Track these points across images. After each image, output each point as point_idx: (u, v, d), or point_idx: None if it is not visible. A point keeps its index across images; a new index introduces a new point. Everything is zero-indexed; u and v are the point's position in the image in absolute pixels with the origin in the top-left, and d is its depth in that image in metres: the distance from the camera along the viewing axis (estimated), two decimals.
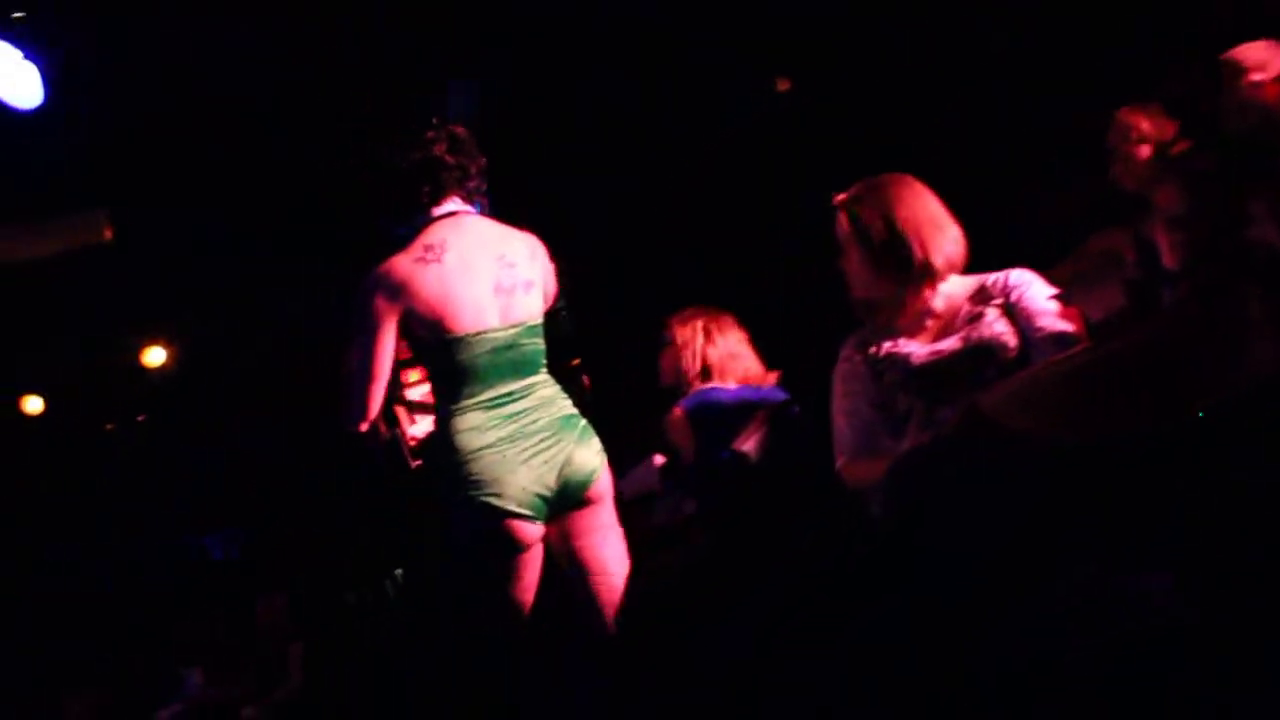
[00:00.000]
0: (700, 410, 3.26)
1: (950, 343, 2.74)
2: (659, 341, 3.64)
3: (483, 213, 2.98)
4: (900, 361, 2.75)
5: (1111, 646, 1.83)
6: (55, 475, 9.27)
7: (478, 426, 2.78)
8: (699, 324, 3.40)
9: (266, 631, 6.88)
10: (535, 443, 2.81)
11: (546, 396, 2.89)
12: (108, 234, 7.23)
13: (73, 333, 7.94)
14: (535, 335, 2.93)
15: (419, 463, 3.12)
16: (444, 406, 2.85)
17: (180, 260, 7.65)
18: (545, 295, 3.01)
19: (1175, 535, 1.85)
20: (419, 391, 3.31)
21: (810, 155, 5.47)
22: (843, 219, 2.85)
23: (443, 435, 2.83)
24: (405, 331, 2.85)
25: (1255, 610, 1.75)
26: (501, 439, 2.78)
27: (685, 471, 3.34)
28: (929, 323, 2.80)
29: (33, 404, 8.41)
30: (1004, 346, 2.68)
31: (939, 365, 2.71)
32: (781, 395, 3.36)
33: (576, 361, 3.64)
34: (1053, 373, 2.08)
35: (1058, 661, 1.90)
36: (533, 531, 2.83)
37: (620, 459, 3.88)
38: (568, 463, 2.85)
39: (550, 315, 3.05)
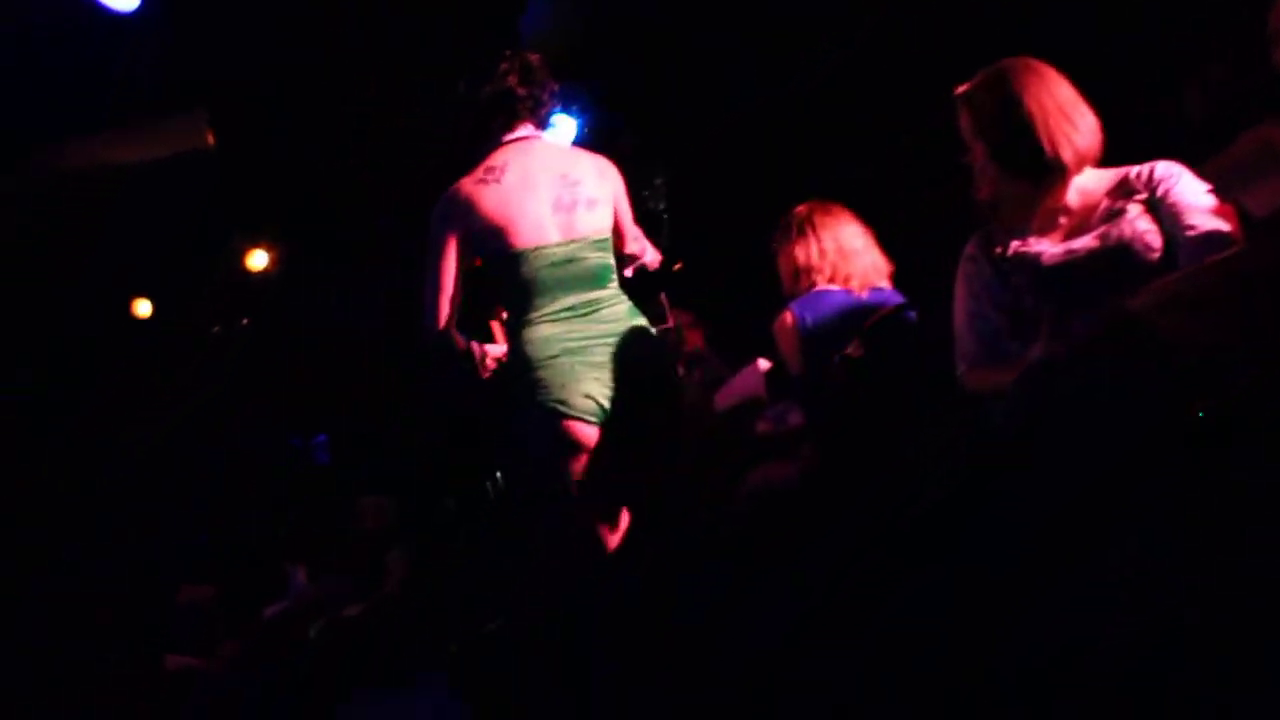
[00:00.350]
0: (808, 314, 3.08)
1: (1085, 241, 2.52)
2: (772, 240, 3.43)
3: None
4: (1030, 262, 2.55)
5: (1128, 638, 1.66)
6: (164, 377, 9.49)
7: (545, 337, 2.86)
8: (809, 219, 3.17)
9: (368, 533, 6.95)
10: (599, 354, 2.86)
11: (616, 312, 2.95)
12: (209, 139, 7.26)
13: (177, 238, 8.02)
14: (600, 250, 2.98)
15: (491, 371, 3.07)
16: (513, 319, 2.94)
17: (280, 164, 7.68)
18: (616, 213, 3.08)
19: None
20: None
21: (929, 42, 5.18)
22: (965, 112, 2.63)
23: (512, 346, 2.93)
24: (473, 249, 2.95)
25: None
26: (567, 349, 2.84)
27: (793, 380, 3.17)
28: (1062, 220, 2.58)
29: (142, 307, 8.55)
30: (1147, 247, 2.46)
31: (1073, 265, 2.50)
32: (898, 298, 3.15)
33: (670, 323, 3.55)
34: (1216, 275, 1.85)
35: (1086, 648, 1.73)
36: (595, 435, 2.86)
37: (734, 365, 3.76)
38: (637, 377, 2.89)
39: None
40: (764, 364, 3.65)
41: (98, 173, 7.11)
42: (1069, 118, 2.53)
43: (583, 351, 2.83)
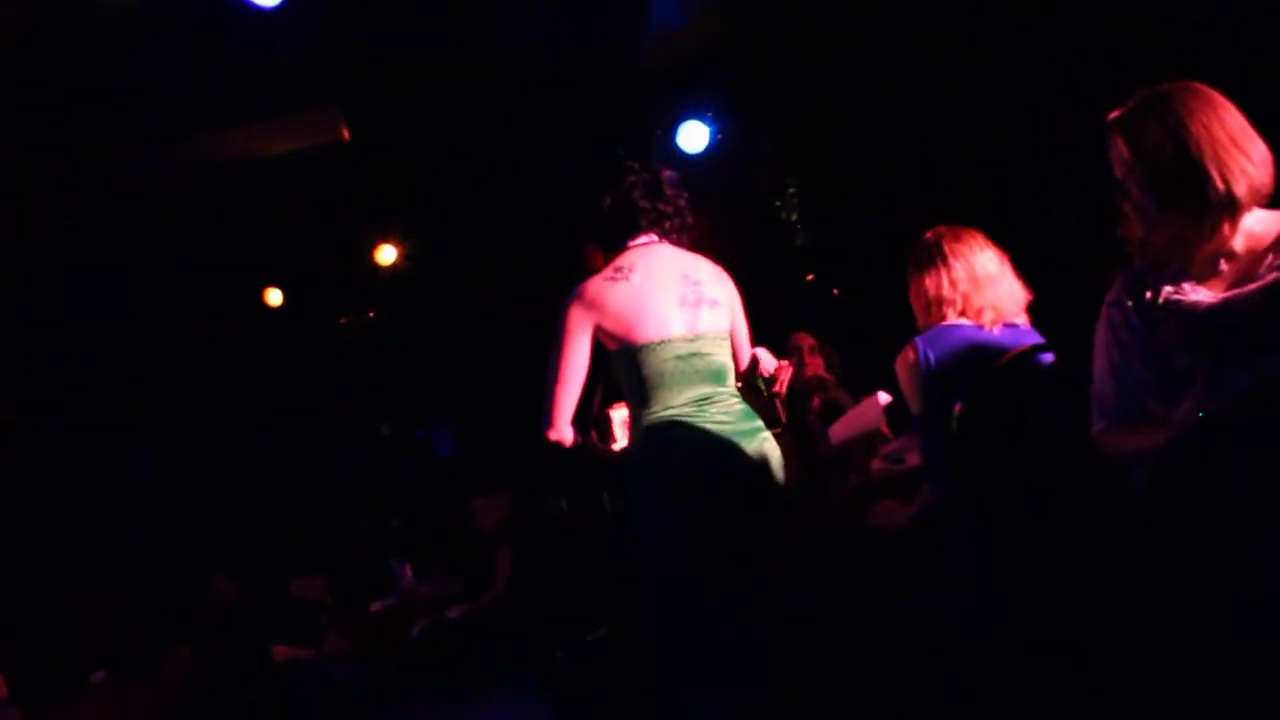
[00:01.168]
0: (933, 350, 2.85)
1: (1250, 292, 2.25)
2: (906, 269, 3.19)
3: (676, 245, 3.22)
4: (1185, 312, 2.28)
5: None
6: (293, 365, 9.66)
7: (665, 419, 2.97)
8: (939, 246, 2.93)
9: (480, 533, 6.94)
10: (720, 449, 2.93)
11: (733, 408, 3.03)
12: (345, 134, 7.34)
13: (310, 229, 8.15)
14: (720, 347, 3.09)
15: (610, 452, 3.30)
16: (638, 413, 3.05)
17: (413, 161, 7.74)
18: (733, 317, 3.19)
19: None
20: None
21: (1087, 60, 4.88)
22: (1118, 140, 2.37)
23: (637, 433, 3.04)
24: (601, 345, 3.06)
25: None
26: (685, 432, 2.93)
27: (912, 419, 2.96)
28: (1224, 266, 2.31)
29: (274, 296, 8.72)
30: None
31: (1234, 319, 2.23)
32: (1034, 336, 2.90)
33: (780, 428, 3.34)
34: None
35: None
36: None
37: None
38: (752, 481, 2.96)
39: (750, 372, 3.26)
40: (884, 397, 3.44)
41: (237, 162, 7.24)
42: (1242, 149, 2.26)
43: (698, 447, 2.94)
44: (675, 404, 2.98)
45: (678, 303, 3.05)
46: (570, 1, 6.61)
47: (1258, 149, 2.27)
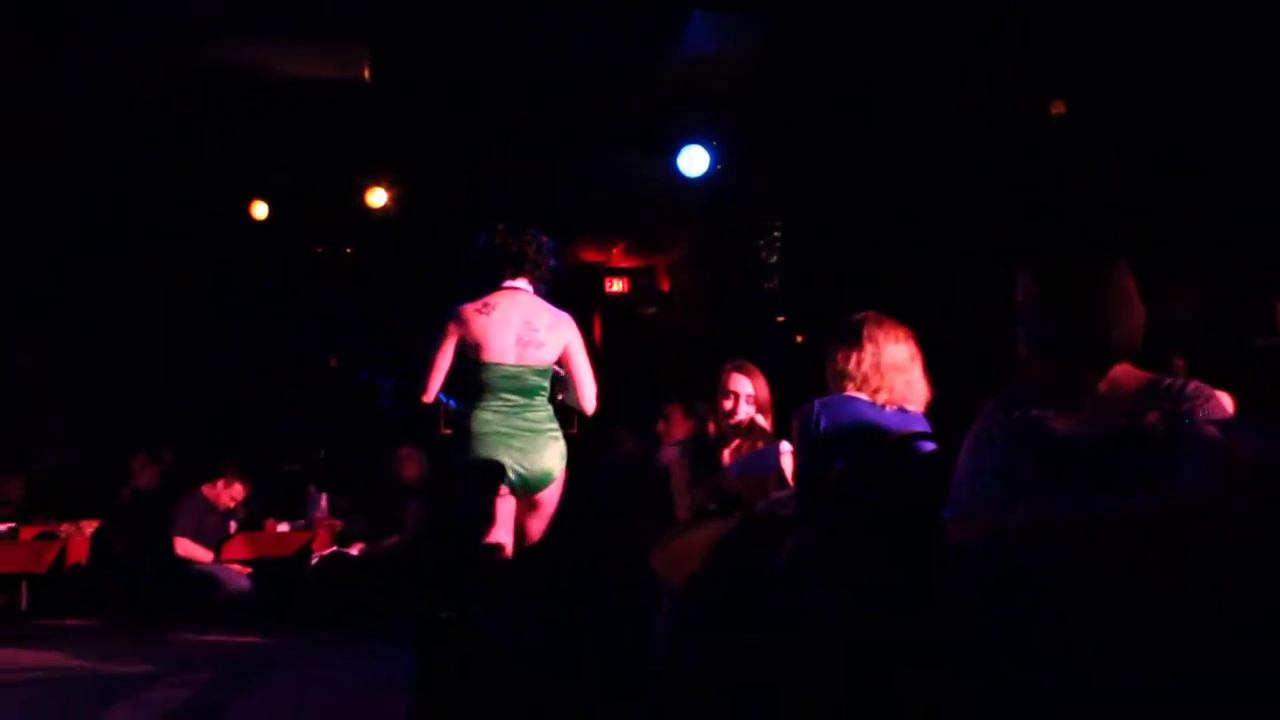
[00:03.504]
0: (826, 415, 3.12)
1: (1099, 430, 2.54)
2: (826, 337, 3.47)
3: (537, 292, 4.45)
4: (1040, 431, 2.58)
5: None
6: (266, 278, 9.84)
7: (485, 420, 4.29)
8: (861, 329, 3.22)
9: (398, 481, 7.11)
10: (518, 440, 4.30)
11: (536, 416, 4.37)
12: (365, 72, 7.47)
13: (309, 155, 8.29)
14: (539, 375, 4.38)
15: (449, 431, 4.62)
16: (470, 402, 4.35)
17: (423, 115, 7.87)
18: (557, 352, 4.42)
19: None
20: None
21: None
22: (1025, 279, 2.67)
23: (464, 418, 4.34)
24: (459, 349, 4.33)
25: None
26: (497, 431, 4.28)
27: (796, 474, 3.22)
28: (1087, 404, 2.61)
29: (259, 209, 8.86)
30: (1154, 453, 2.47)
31: (1080, 447, 2.53)
32: (922, 425, 3.17)
33: (574, 430, 4.97)
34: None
35: None
36: (503, 491, 4.28)
37: None
38: (535, 463, 4.31)
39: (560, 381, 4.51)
40: (787, 446, 3.70)
41: (250, 75, 7.31)
42: (1124, 309, 2.57)
43: (506, 436, 4.29)
44: (494, 404, 4.30)
45: (514, 341, 4.32)
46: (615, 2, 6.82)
47: (1136, 311, 2.57)
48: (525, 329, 4.35)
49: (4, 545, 7.81)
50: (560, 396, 4.52)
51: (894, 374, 3.19)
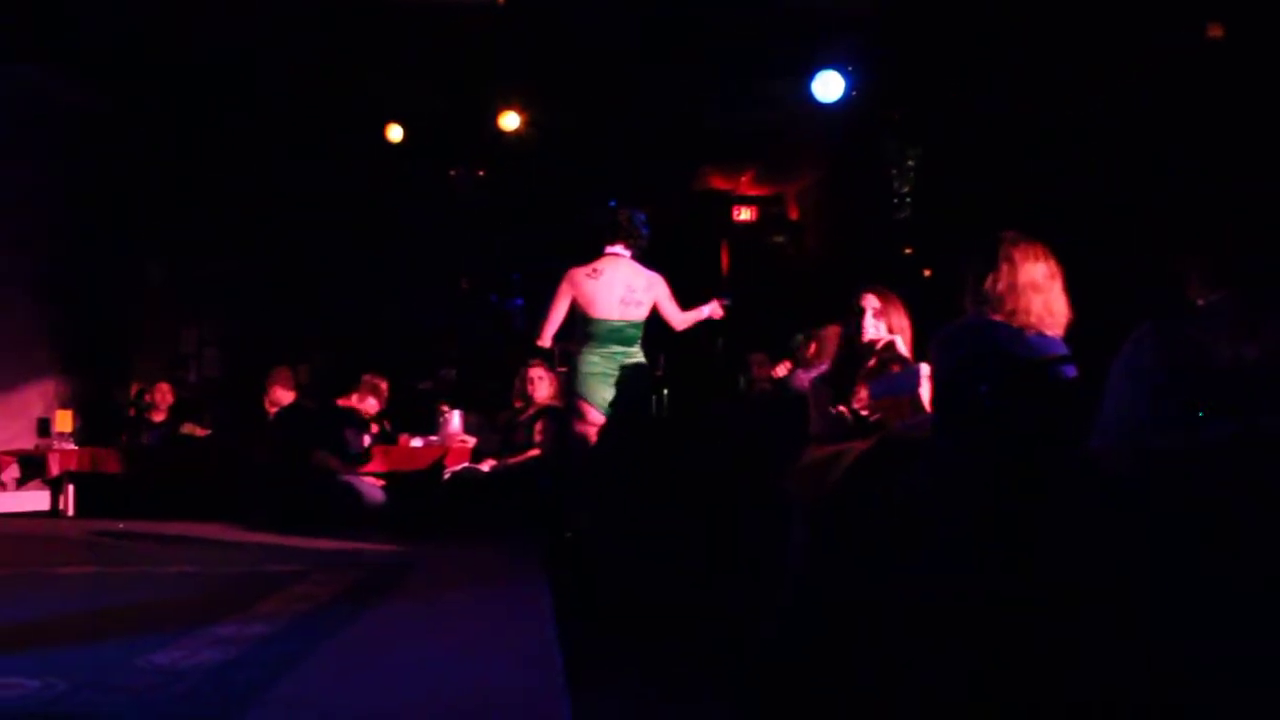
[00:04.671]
0: (966, 339, 3.06)
1: (1263, 352, 2.48)
2: (965, 257, 3.40)
3: (634, 256, 5.51)
4: (1202, 357, 2.51)
5: None
6: (396, 202, 10.04)
7: (593, 362, 5.40)
8: (1002, 249, 3.13)
9: (530, 400, 7.24)
10: (612, 377, 5.38)
11: (632, 359, 5.43)
12: None
13: (443, 79, 8.38)
14: (636, 328, 5.45)
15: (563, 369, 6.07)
16: (579, 347, 5.44)
17: (557, 37, 7.88)
18: (649, 307, 5.47)
19: None
20: None
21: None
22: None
23: (575, 359, 5.46)
24: (572, 305, 5.40)
25: None
26: (603, 372, 5.38)
27: (935, 398, 3.18)
28: (1250, 326, 2.54)
29: (394, 132, 9.01)
30: None
31: (1242, 370, 2.47)
32: (1062, 349, 3.10)
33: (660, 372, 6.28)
34: None
35: None
36: (598, 418, 5.38)
37: None
38: (631, 397, 5.39)
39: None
40: (926, 370, 3.65)
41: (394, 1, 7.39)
42: None
43: (608, 375, 5.38)
44: (600, 350, 5.38)
45: (618, 301, 5.39)
46: None
47: None
48: (627, 291, 5.38)
49: (159, 452, 8.24)
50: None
51: (1032, 294, 3.10)
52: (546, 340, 5.50)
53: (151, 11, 7.40)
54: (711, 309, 5.65)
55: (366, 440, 7.63)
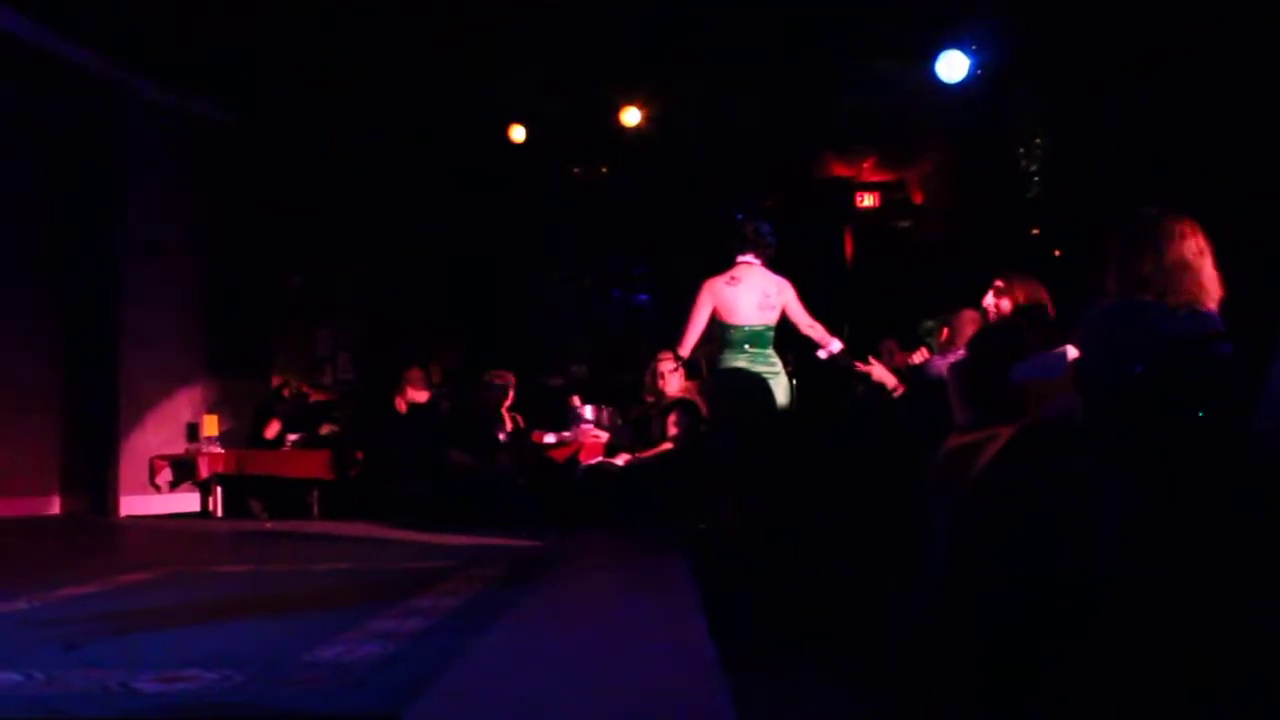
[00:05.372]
0: (1117, 320, 2.98)
1: None
2: (1113, 235, 3.30)
3: (764, 264, 5.81)
4: None
5: None
6: (520, 202, 10.18)
7: (733, 361, 5.68)
8: (1151, 227, 3.03)
9: (661, 394, 7.27)
10: (757, 378, 5.65)
11: (770, 361, 5.71)
12: None
13: (564, 77, 8.46)
14: (770, 330, 5.74)
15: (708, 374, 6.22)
16: (723, 351, 5.72)
17: (677, 29, 7.89)
18: (781, 311, 5.75)
19: None
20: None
21: None
22: None
23: (719, 360, 5.73)
24: (713, 313, 5.67)
25: None
26: (742, 369, 5.65)
27: (1082, 381, 3.10)
28: None
29: (517, 133, 9.13)
30: None
31: None
32: (1217, 325, 2.99)
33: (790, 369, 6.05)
34: None
35: None
36: (742, 418, 5.59)
37: None
38: (772, 397, 5.65)
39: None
40: (1073, 352, 3.57)
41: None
42: None
43: (749, 373, 5.63)
44: (741, 353, 5.65)
45: (756, 306, 5.68)
46: None
47: None
48: (763, 297, 5.70)
49: (298, 454, 8.52)
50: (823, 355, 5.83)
51: (1182, 272, 3.01)
52: (688, 349, 5.82)
53: (277, 27, 7.66)
54: (831, 346, 5.83)
55: (501, 437, 7.78)
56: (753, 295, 5.67)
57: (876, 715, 2.78)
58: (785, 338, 6.02)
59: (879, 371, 5.55)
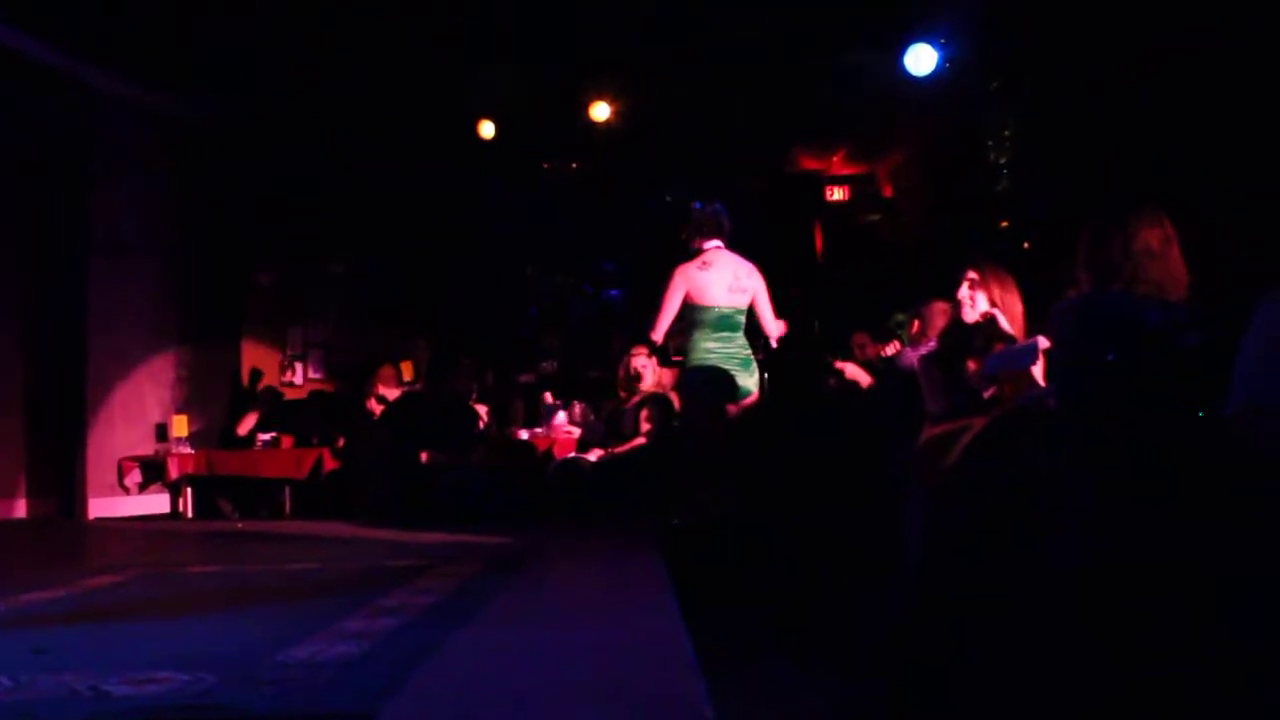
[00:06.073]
0: (1089, 310, 3.00)
1: None
2: (1083, 228, 3.32)
3: (728, 247, 5.93)
4: None
5: None
6: (490, 200, 10.12)
7: (705, 346, 5.82)
8: (1118, 219, 3.07)
9: (634, 388, 7.23)
10: (727, 364, 5.79)
11: (740, 345, 5.86)
12: None
13: (528, 70, 8.43)
14: (740, 314, 5.87)
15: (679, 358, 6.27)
16: (693, 335, 5.85)
17: (643, 24, 7.87)
18: (753, 297, 5.93)
19: None
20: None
21: None
22: None
23: (690, 345, 5.86)
24: (686, 298, 5.83)
25: None
26: (713, 354, 5.80)
27: (1054, 369, 3.12)
28: None
29: (486, 129, 9.08)
30: None
31: None
32: (1184, 314, 3.01)
33: (761, 355, 6.16)
34: None
35: None
36: (716, 403, 5.75)
37: None
38: (742, 381, 5.83)
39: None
40: (1044, 342, 3.59)
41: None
42: None
43: (720, 358, 5.76)
44: (712, 335, 5.76)
45: (726, 289, 5.79)
46: None
47: None
48: (734, 279, 5.81)
49: (269, 453, 8.45)
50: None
51: (1148, 260, 3.04)
52: (660, 334, 5.96)
53: (250, 26, 7.59)
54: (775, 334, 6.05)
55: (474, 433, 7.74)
56: (724, 278, 5.79)
57: (853, 708, 2.79)
58: (755, 327, 6.10)
59: (852, 370, 5.63)
